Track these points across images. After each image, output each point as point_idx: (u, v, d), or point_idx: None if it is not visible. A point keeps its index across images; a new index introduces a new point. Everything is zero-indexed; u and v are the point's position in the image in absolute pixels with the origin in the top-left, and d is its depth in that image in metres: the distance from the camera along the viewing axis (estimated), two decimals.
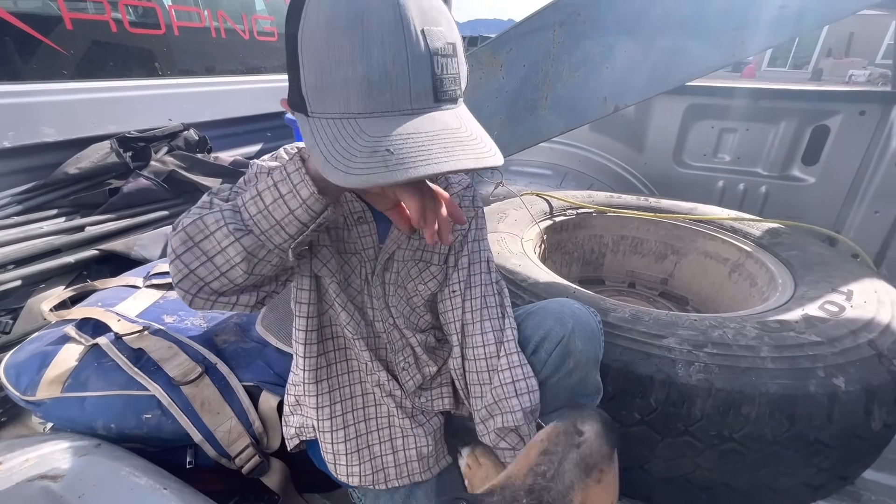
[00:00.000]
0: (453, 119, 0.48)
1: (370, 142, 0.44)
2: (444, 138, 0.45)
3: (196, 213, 0.53)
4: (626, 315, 0.92)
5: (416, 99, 0.45)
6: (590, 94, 1.08)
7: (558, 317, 0.71)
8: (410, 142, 0.44)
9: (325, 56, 0.44)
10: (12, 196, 1.40)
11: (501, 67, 1.15)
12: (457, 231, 0.71)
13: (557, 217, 1.55)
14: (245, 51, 2.14)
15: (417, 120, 0.46)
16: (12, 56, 1.43)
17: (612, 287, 1.70)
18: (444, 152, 0.44)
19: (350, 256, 0.67)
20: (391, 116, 0.45)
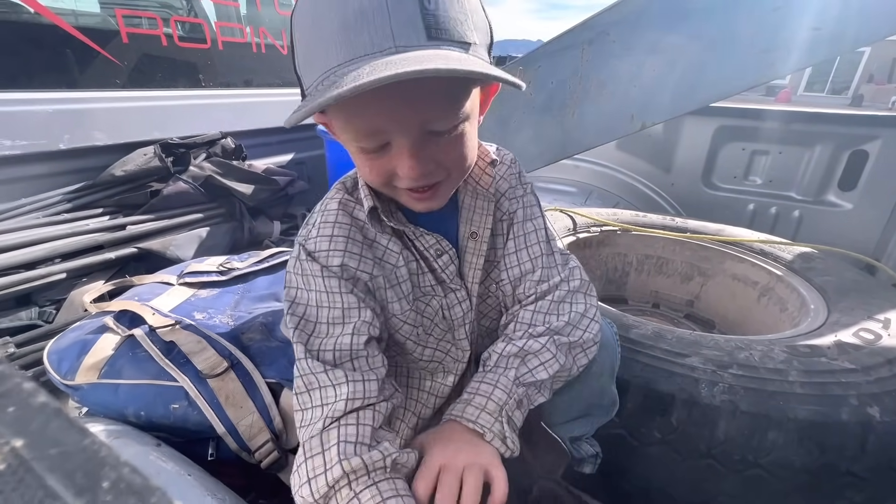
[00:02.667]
0: (455, 52, 0.42)
1: (337, 77, 0.40)
2: (426, 57, 0.39)
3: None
4: (648, 332, 0.91)
5: (399, 34, 0.40)
6: (617, 112, 1.09)
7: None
8: (381, 61, 0.39)
9: (310, 21, 0.43)
10: (63, 194, 1.49)
11: (530, 83, 1.18)
12: (506, 213, 0.65)
13: (581, 233, 1.54)
14: (283, 65, 2.24)
15: (404, 53, 0.40)
16: (72, 66, 1.55)
17: (636, 307, 1.68)
18: (402, 63, 0.38)
19: (418, 302, 0.62)
20: (371, 58, 0.40)
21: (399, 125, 0.46)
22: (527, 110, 1.20)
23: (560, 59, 1.13)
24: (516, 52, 1.20)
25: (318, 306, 0.57)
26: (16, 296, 1.23)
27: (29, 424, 0.11)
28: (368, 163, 0.50)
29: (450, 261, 0.62)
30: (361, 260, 0.57)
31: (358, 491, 0.47)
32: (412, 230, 0.59)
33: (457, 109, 0.47)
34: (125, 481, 0.10)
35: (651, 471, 0.84)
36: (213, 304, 1.07)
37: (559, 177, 2.36)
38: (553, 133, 1.18)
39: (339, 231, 0.57)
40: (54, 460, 0.10)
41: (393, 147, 0.48)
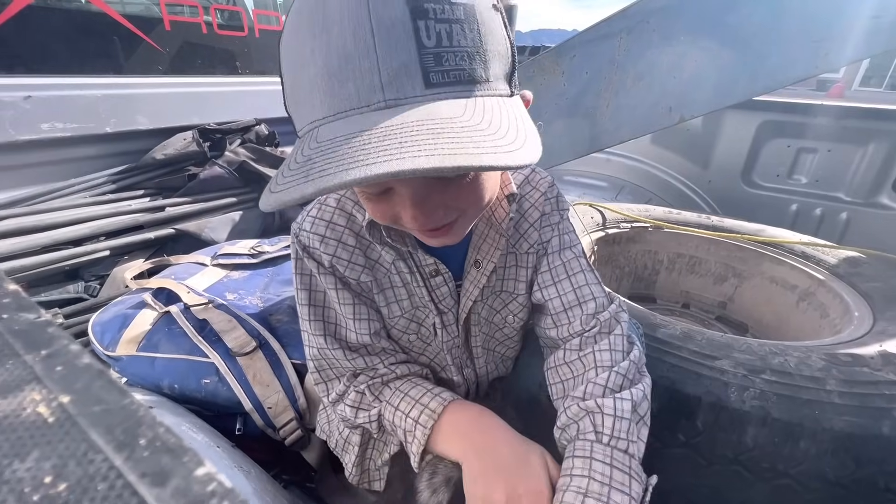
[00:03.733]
0: (454, 108, 0.34)
1: (313, 150, 0.34)
2: (413, 130, 0.32)
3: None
4: (676, 332, 0.89)
5: (390, 84, 0.33)
6: (654, 104, 1.05)
7: None
8: (358, 140, 0.32)
9: (295, 58, 0.36)
10: (108, 176, 1.57)
11: (563, 74, 1.15)
12: (533, 245, 0.61)
13: (610, 229, 1.50)
14: None
15: (391, 113, 0.33)
16: (119, 52, 1.61)
17: (665, 306, 1.63)
18: (398, 148, 0.30)
19: (417, 311, 0.62)
20: (356, 114, 0.34)
21: (400, 179, 0.40)
22: (559, 101, 1.17)
23: (596, 49, 1.10)
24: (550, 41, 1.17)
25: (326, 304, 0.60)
26: (64, 270, 1.31)
27: (75, 383, 0.12)
28: (371, 206, 0.45)
29: (443, 282, 0.59)
30: (349, 266, 0.57)
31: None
32: (411, 249, 0.56)
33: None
34: (161, 440, 0.11)
35: (673, 474, 0.82)
36: (244, 286, 1.10)
37: (590, 170, 2.31)
38: (585, 125, 1.15)
39: (331, 233, 0.56)
40: (97, 416, 0.11)
41: (395, 193, 0.42)
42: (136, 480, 0.10)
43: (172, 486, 0.09)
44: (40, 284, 1.27)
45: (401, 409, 0.55)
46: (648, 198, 2.18)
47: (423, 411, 0.54)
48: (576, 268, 0.62)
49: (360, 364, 0.60)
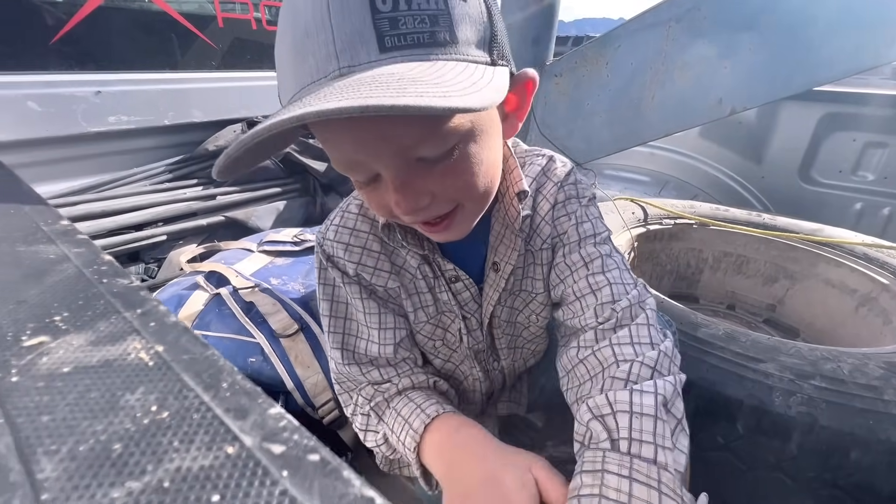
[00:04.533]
0: (401, 66, 0.33)
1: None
2: (356, 84, 0.31)
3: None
4: (718, 332, 0.86)
5: (343, 52, 0.32)
6: (703, 95, 1.01)
7: None
8: (305, 99, 0.32)
9: (278, 42, 0.37)
10: (166, 166, 1.67)
11: (607, 65, 1.12)
12: (546, 240, 0.56)
13: (652, 225, 1.46)
14: None
15: (350, 77, 0.32)
16: (175, 49, 1.71)
17: (708, 307, 1.57)
18: (336, 96, 0.29)
19: (443, 316, 0.60)
20: (317, 86, 0.33)
21: (374, 156, 0.38)
22: (602, 93, 1.15)
23: (642, 38, 1.06)
24: (594, 31, 1.14)
25: (347, 316, 0.59)
26: (127, 253, 1.41)
27: (166, 336, 0.14)
28: (366, 196, 0.44)
29: (464, 288, 0.57)
30: (375, 273, 0.55)
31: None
32: (429, 253, 0.54)
33: (448, 130, 0.38)
34: (239, 385, 0.12)
35: (709, 477, 0.80)
36: (287, 272, 1.15)
37: (632, 165, 2.24)
38: (629, 118, 1.12)
39: (355, 241, 0.55)
40: (187, 363, 0.13)
41: (382, 179, 0.41)
42: (222, 413, 0.11)
43: (251, 421, 0.11)
44: None
45: (395, 432, 0.54)
46: (694, 194, 2.09)
47: (409, 433, 0.52)
48: (593, 254, 0.54)
49: (375, 377, 0.58)
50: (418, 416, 0.52)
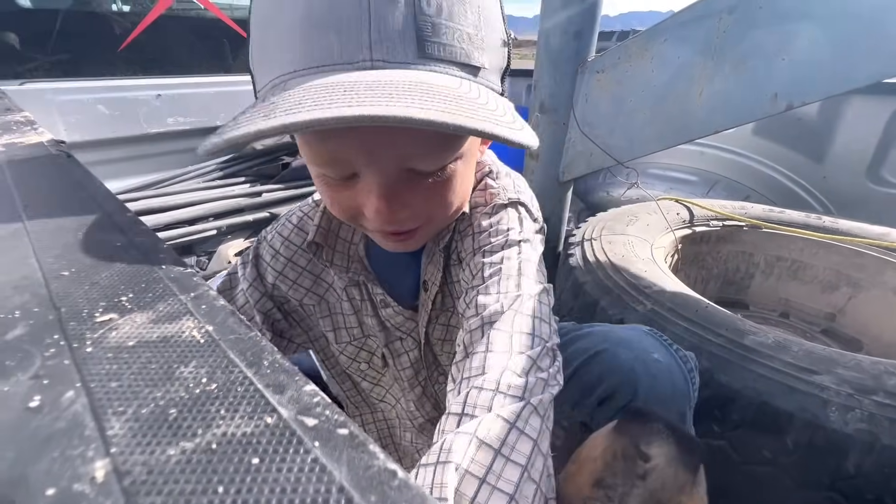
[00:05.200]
0: (449, 81, 0.31)
1: (277, 97, 0.29)
2: (405, 87, 0.28)
3: None
4: (768, 341, 0.81)
5: (379, 43, 0.29)
6: (756, 90, 0.96)
7: (628, 376, 0.56)
8: (339, 85, 0.28)
9: (268, 9, 0.33)
10: (216, 164, 1.77)
11: (652, 59, 1.08)
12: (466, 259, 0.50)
13: (698, 227, 1.40)
14: None
15: (384, 73, 0.29)
16: (228, 54, 1.81)
17: (759, 314, 1.48)
18: (387, 98, 0.27)
19: (368, 340, 0.59)
20: (332, 71, 0.30)
21: (370, 158, 0.35)
22: (646, 89, 1.11)
23: (691, 31, 1.02)
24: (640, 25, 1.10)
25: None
26: (181, 246, 1.51)
27: (216, 318, 0.15)
28: (330, 192, 0.40)
29: (395, 313, 0.56)
30: (294, 286, 0.55)
31: None
32: (356, 276, 0.53)
33: (449, 149, 0.37)
34: (278, 363, 0.14)
35: (755, 493, 0.76)
36: None
37: (679, 164, 2.15)
38: (675, 114, 1.08)
39: (284, 250, 0.54)
40: (233, 342, 0.14)
41: (361, 180, 0.37)
42: (262, 388, 0.13)
43: (288, 395, 0.12)
44: None
45: None
46: (746, 194, 1.97)
47: None
48: (505, 274, 0.46)
49: None
50: None
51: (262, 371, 0.13)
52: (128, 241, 0.22)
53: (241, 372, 0.13)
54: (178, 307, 0.16)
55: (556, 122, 1.27)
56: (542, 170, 1.34)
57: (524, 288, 0.43)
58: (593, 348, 0.60)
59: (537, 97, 1.27)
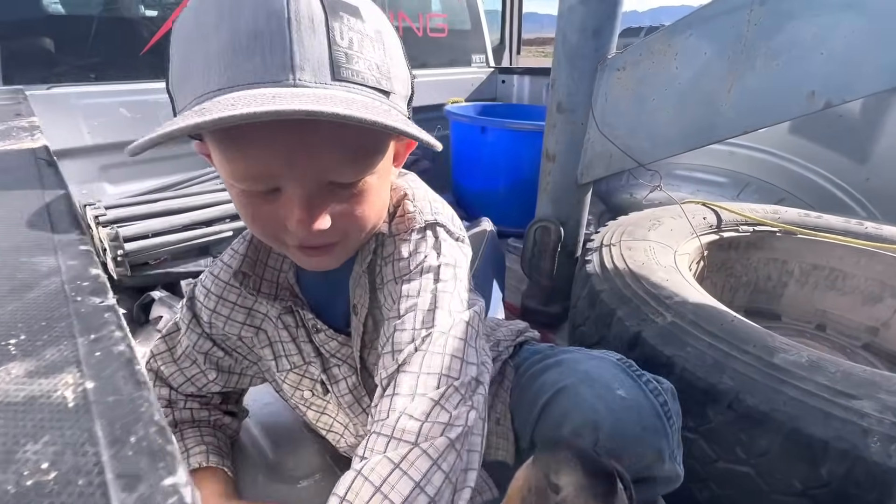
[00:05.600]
0: (364, 98, 0.36)
1: (207, 104, 0.31)
2: (327, 97, 0.32)
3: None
4: (801, 360, 0.74)
5: (301, 67, 0.33)
6: (791, 87, 0.89)
7: (589, 416, 0.54)
8: (269, 91, 0.32)
9: (191, 32, 0.35)
10: None
11: (676, 56, 1.02)
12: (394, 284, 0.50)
13: (726, 232, 1.32)
14: (417, 47, 2.33)
15: (307, 90, 0.33)
16: None
17: (792, 326, 1.39)
18: (314, 101, 0.31)
19: (309, 366, 0.59)
20: (256, 87, 0.33)
21: (292, 171, 0.38)
22: (669, 87, 1.05)
23: (719, 25, 0.95)
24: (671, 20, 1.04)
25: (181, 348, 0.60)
26: (198, 246, 1.53)
27: (104, 370, 0.13)
28: (251, 209, 0.41)
29: (328, 338, 0.56)
30: (228, 322, 0.56)
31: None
32: (283, 304, 0.54)
33: (366, 161, 0.40)
34: (148, 440, 0.11)
35: None
36: None
37: (706, 164, 2.05)
38: (700, 114, 1.01)
39: (214, 288, 0.55)
40: (109, 407, 0.12)
41: (283, 193, 0.39)
42: (111, 480, 0.10)
43: (138, 493, 0.10)
44: (181, 257, 1.50)
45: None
46: (780, 197, 1.86)
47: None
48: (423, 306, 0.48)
49: (162, 393, 0.60)
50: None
51: (123, 451, 0.11)
52: (55, 265, 0.20)
53: (96, 454, 0.11)
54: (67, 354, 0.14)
55: (574, 123, 1.22)
56: (559, 171, 1.29)
57: (438, 323, 0.44)
58: (559, 382, 0.59)
59: (554, 97, 1.23)
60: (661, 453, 0.58)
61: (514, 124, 1.94)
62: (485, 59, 2.72)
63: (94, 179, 1.56)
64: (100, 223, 1.34)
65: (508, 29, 3.02)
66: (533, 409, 0.61)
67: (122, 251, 1.32)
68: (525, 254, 1.41)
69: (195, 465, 0.54)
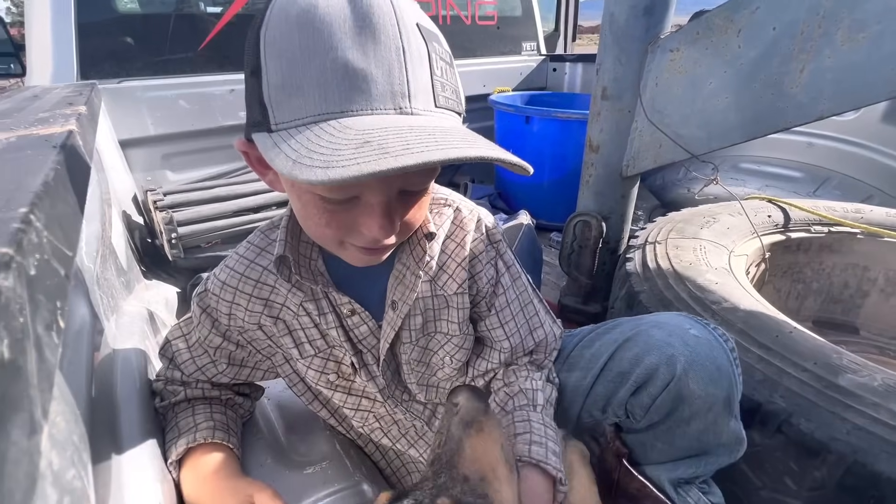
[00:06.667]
0: (454, 122, 0.41)
1: (360, 135, 0.35)
2: (457, 133, 0.38)
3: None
4: (873, 383, 0.64)
5: (414, 96, 0.38)
6: (880, 65, 0.76)
7: (664, 351, 0.55)
8: (415, 133, 0.35)
9: (298, 44, 0.36)
10: None
11: (739, 33, 0.91)
12: (462, 284, 0.59)
13: (794, 232, 1.18)
14: (465, 35, 2.29)
15: (421, 118, 0.38)
16: None
17: (871, 341, 1.22)
18: (462, 141, 0.36)
19: (334, 350, 0.61)
20: (383, 114, 0.37)
21: (381, 184, 0.41)
22: (730, 69, 0.94)
23: None
24: None
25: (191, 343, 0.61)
26: (246, 232, 1.60)
27: None
28: (327, 216, 0.44)
29: (361, 322, 0.58)
30: (247, 312, 0.58)
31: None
32: (322, 288, 0.55)
33: (436, 171, 0.46)
34: None
35: None
36: None
37: (779, 157, 1.84)
38: (765, 98, 0.90)
39: (231, 281, 0.57)
40: None
41: (361, 202, 0.43)
42: None
43: None
44: (229, 242, 1.59)
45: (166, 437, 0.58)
46: (867, 194, 1.63)
47: (173, 448, 0.55)
48: (526, 300, 0.65)
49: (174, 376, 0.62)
50: (177, 440, 0.56)
51: None
52: None
53: None
54: None
55: (621, 110, 1.13)
56: (602, 163, 1.20)
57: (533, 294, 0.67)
58: (623, 336, 0.61)
59: (599, 82, 1.14)
60: (730, 402, 0.56)
61: (560, 114, 1.86)
62: (535, 47, 2.62)
63: (158, 167, 1.68)
64: (157, 207, 1.43)
65: (563, 15, 2.89)
66: (587, 374, 0.63)
67: (176, 234, 1.41)
68: (564, 249, 1.34)
69: (200, 440, 0.55)
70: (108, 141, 1.44)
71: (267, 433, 0.69)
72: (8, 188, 0.27)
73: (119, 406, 0.54)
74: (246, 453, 0.63)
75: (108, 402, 0.54)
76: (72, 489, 0.25)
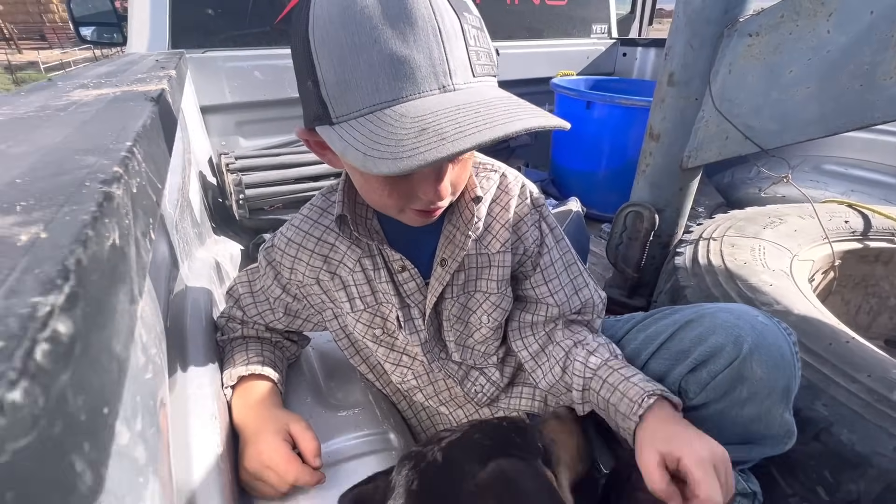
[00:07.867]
0: (498, 91, 0.43)
1: (416, 122, 0.38)
2: (498, 104, 0.40)
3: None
4: None
5: (454, 72, 0.40)
6: None
7: (731, 331, 0.56)
8: (463, 112, 0.39)
9: (345, 43, 0.39)
10: None
11: (830, 17, 0.84)
12: (505, 244, 0.63)
13: (873, 241, 1.08)
14: (533, 17, 2.23)
15: (463, 93, 0.41)
16: None
17: None
18: (506, 115, 0.39)
19: (381, 306, 0.65)
20: (430, 96, 0.40)
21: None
22: (816, 56, 0.86)
23: None
24: None
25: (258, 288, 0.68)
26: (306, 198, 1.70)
27: None
28: (388, 188, 0.48)
29: (410, 278, 0.62)
30: (308, 267, 0.63)
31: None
32: (377, 245, 0.60)
33: None
34: None
35: None
36: None
37: (869, 159, 1.66)
38: (853, 90, 0.82)
39: (295, 236, 0.63)
40: None
41: (419, 173, 0.46)
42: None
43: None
44: (289, 207, 1.70)
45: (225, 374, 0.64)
46: None
47: (227, 375, 0.62)
48: (570, 260, 0.67)
49: (235, 314, 0.69)
50: (239, 366, 0.63)
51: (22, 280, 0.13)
52: (95, 161, 0.24)
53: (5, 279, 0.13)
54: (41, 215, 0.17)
55: (687, 98, 1.07)
56: (661, 152, 1.16)
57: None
58: (685, 319, 0.62)
59: (666, 68, 1.09)
60: (788, 392, 0.56)
61: (623, 100, 1.78)
62: (606, 30, 2.51)
63: (232, 133, 1.81)
64: (229, 170, 1.56)
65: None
66: (642, 352, 0.64)
67: (243, 196, 1.53)
68: (612, 239, 1.31)
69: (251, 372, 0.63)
70: (192, 105, 1.58)
71: (309, 377, 0.76)
72: (116, 128, 0.33)
73: (187, 332, 0.62)
74: (289, 390, 0.70)
75: (180, 328, 0.62)
76: (154, 362, 0.31)
